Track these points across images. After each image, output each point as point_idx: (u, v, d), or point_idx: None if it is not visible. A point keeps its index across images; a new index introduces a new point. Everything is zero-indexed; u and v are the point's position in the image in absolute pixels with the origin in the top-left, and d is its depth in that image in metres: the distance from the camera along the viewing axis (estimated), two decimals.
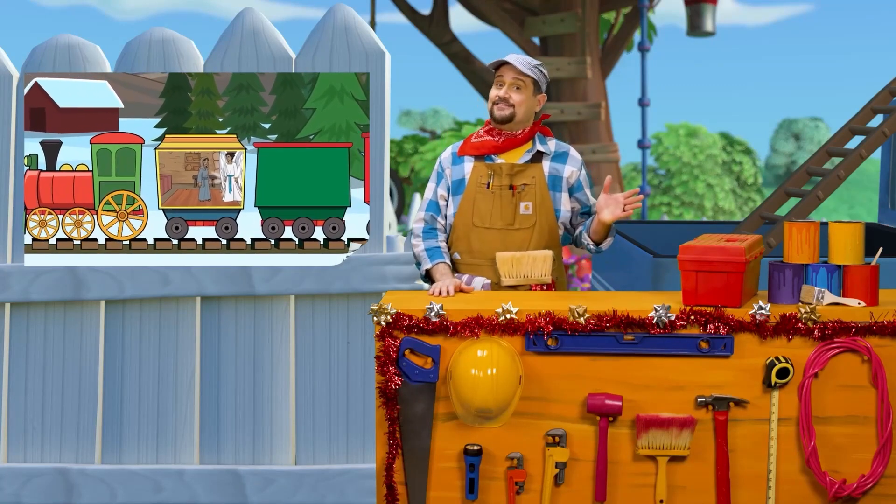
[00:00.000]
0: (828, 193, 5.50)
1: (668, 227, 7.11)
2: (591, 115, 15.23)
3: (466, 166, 4.13)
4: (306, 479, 4.83)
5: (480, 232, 4.06)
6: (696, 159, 32.72)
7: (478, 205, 4.07)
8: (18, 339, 4.91)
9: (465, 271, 4.10)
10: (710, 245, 3.60)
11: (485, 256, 4.06)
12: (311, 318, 4.89)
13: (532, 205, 4.05)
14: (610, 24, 17.54)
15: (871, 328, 3.50)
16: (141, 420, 4.91)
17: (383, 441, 3.61)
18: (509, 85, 4.07)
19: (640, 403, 3.56)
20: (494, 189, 4.06)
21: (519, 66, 4.04)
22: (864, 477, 3.55)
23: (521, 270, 3.99)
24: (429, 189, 4.19)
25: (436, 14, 17.21)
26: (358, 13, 4.88)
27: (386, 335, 3.57)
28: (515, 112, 4.06)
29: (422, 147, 24.70)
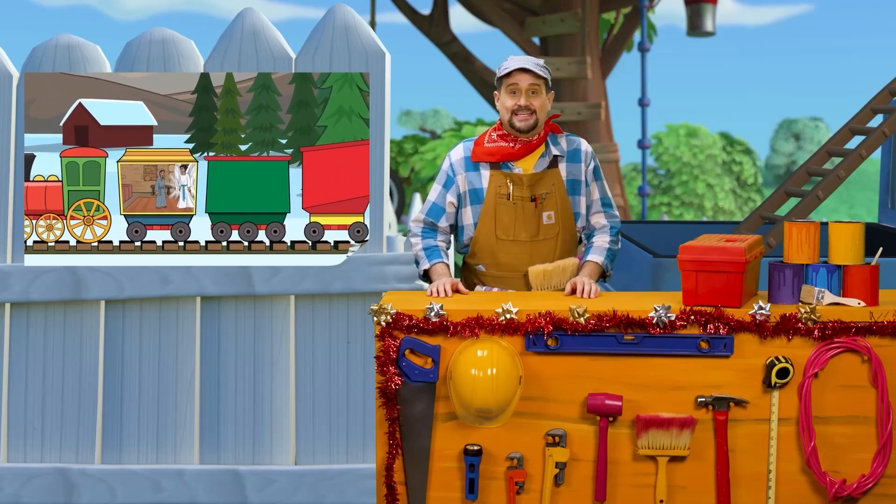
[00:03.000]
0: (828, 193, 5.50)
1: (668, 227, 7.11)
2: (591, 115, 15.23)
3: (483, 175, 3.99)
4: (306, 479, 4.83)
5: (506, 245, 3.99)
6: (696, 159, 32.71)
7: (500, 217, 3.98)
8: (18, 339, 4.91)
9: (492, 284, 4.04)
10: (710, 245, 3.60)
11: (514, 269, 4.00)
12: (311, 318, 4.89)
13: (554, 213, 3.99)
14: (610, 24, 17.54)
15: (871, 328, 3.50)
16: (141, 420, 4.91)
17: (383, 441, 3.61)
18: (526, 92, 3.91)
19: (640, 403, 3.56)
20: (516, 200, 3.95)
21: (534, 69, 3.89)
22: (864, 477, 3.54)
23: (552, 281, 3.98)
24: (434, 191, 4.07)
25: (436, 14, 17.21)
26: (358, 13, 4.88)
27: (386, 335, 3.57)
28: (538, 119, 3.94)
29: (422, 147, 24.67)
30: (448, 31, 17.28)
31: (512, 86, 3.92)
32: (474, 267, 4.07)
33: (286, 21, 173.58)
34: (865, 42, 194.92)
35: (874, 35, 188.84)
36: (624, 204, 15.97)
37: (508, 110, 3.93)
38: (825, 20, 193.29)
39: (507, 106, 3.93)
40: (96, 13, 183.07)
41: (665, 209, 32.16)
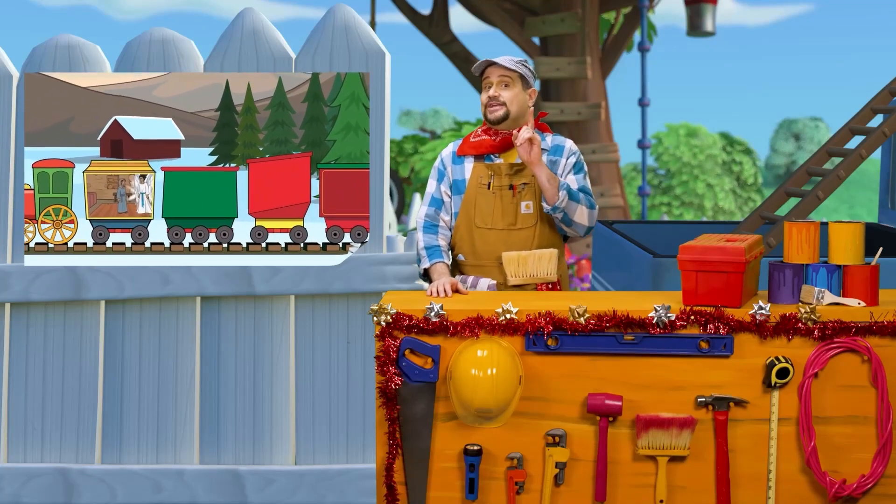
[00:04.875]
0: (828, 193, 5.50)
1: (668, 227, 7.11)
2: (591, 115, 15.23)
3: (466, 166, 4.13)
4: (306, 479, 4.83)
5: (483, 233, 4.06)
6: (696, 159, 32.72)
7: (479, 206, 4.07)
8: (18, 339, 4.91)
9: (470, 273, 4.10)
10: (710, 245, 3.60)
11: (489, 257, 4.06)
12: (311, 318, 4.89)
13: (533, 204, 4.05)
14: (610, 24, 17.54)
15: (871, 328, 3.50)
16: (141, 420, 4.91)
17: (383, 441, 3.61)
18: (497, 84, 4.06)
19: (640, 403, 3.57)
20: (495, 189, 4.06)
21: (502, 62, 4.04)
22: (864, 477, 3.55)
23: (527, 270, 4.00)
24: (430, 185, 4.19)
25: (436, 14, 17.21)
26: (358, 13, 4.89)
27: (386, 335, 3.57)
28: (509, 110, 4.06)
29: (422, 147, 24.71)
30: (448, 31, 17.28)
31: (485, 81, 4.10)
32: (455, 257, 4.15)
33: (286, 21, 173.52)
34: (865, 42, 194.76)
35: (874, 35, 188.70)
36: (624, 204, 15.96)
37: (483, 104, 4.12)
38: (825, 20, 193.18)
39: (482, 101, 4.12)
40: (96, 13, 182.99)
41: (665, 209, 32.17)
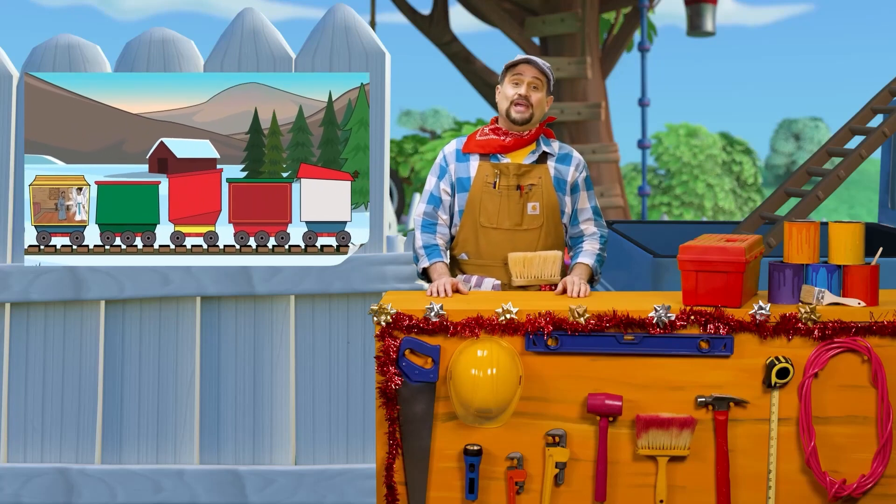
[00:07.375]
0: (828, 193, 5.50)
1: (668, 227, 7.11)
2: (591, 115, 15.22)
3: (472, 164, 4.07)
4: (306, 479, 4.83)
5: (488, 232, 4.03)
6: (696, 159, 32.71)
7: (484, 205, 4.03)
8: (18, 339, 4.91)
9: (473, 272, 4.07)
10: (710, 245, 3.60)
11: (494, 257, 4.04)
12: (311, 318, 4.89)
13: (539, 205, 4.03)
14: (610, 24, 17.54)
15: (871, 328, 3.50)
16: (141, 420, 4.91)
17: (383, 441, 3.61)
18: (528, 84, 4.00)
19: (640, 403, 3.57)
20: (501, 189, 4.01)
21: (540, 64, 3.99)
22: (864, 477, 3.55)
23: (532, 271, 3.98)
24: (429, 182, 4.13)
25: (436, 14, 17.20)
26: (358, 13, 4.89)
27: (386, 335, 3.57)
28: (534, 113, 4.01)
29: (422, 147, 24.70)
30: (448, 31, 17.27)
31: (516, 76, 4.01)
32: (457, 257, 4.11)
33: (286, 21, 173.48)
34: (865, 42, 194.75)
35: (874, 35, 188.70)
36: (624, 204, 15.96)
37: (508, 99, 4.02)
38: (825, 20, 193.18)
39: (508, 95, 4.02)
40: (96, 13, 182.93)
41: (665, 209, 32.17)
